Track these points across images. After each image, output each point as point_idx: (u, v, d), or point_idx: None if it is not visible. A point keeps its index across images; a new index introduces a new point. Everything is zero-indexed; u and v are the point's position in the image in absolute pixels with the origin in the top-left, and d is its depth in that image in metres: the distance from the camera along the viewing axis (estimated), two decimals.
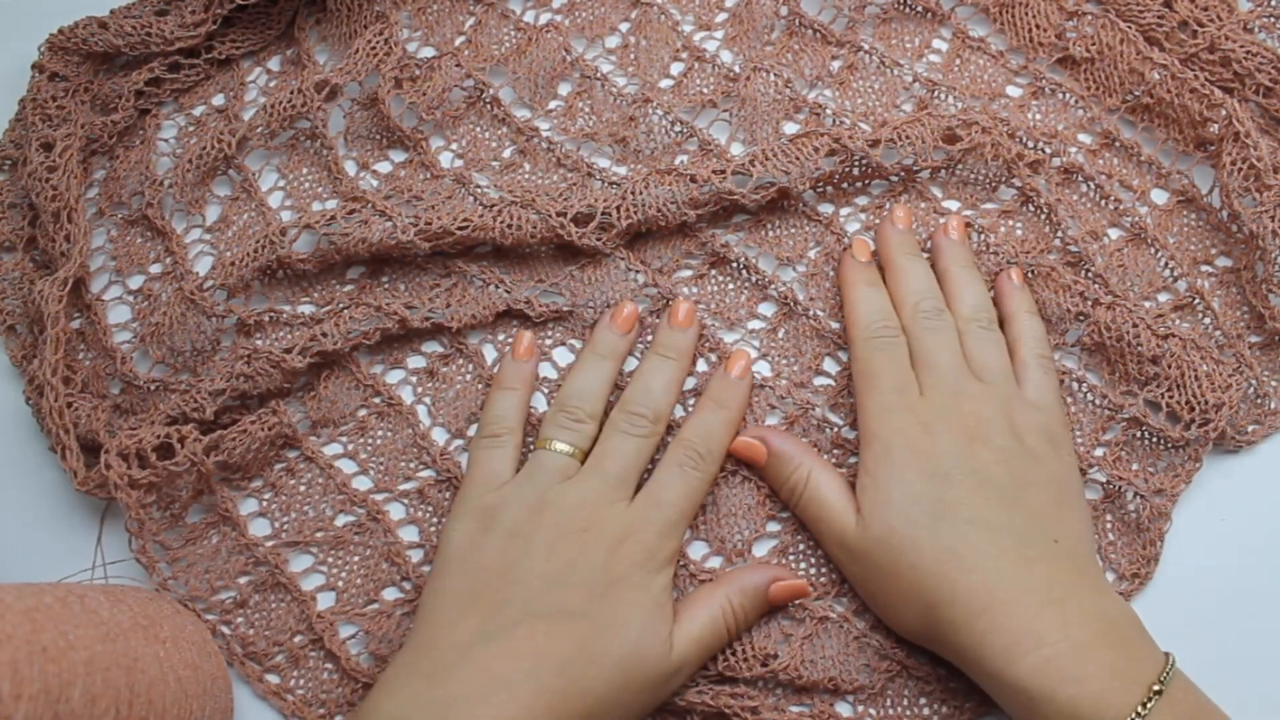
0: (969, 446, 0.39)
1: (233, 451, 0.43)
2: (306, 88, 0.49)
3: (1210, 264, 0.47)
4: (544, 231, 0.46)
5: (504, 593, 0.38)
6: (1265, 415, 0.44)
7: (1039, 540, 0.37)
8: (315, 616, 0.43)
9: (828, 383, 0.45)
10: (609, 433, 0.42)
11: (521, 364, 0.45)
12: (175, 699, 0.37)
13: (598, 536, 0.39)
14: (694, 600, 0.40)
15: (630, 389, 0.43)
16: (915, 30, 0.51)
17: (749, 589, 0.40)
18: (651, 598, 0.38)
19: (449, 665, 0.36)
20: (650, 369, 0.44)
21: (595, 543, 0.39)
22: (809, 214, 0.47)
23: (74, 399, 0.45)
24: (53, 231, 0.48)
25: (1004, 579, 0.36)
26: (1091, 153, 0.48)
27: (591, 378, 0.43)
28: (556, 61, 0.51)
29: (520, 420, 0.44)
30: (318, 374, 0.46)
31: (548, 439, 0.42)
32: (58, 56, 0.51)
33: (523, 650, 0.36)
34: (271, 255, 0.46)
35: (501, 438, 0.43)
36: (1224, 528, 0.43)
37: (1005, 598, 0.35)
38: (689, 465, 0.41)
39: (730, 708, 0.40)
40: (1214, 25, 0.48)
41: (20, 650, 0.31)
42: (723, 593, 0.40)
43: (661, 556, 0.40)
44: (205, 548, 0.44)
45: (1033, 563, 0.36)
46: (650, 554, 0.39)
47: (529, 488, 0.40)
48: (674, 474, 0.41)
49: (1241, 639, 0.42)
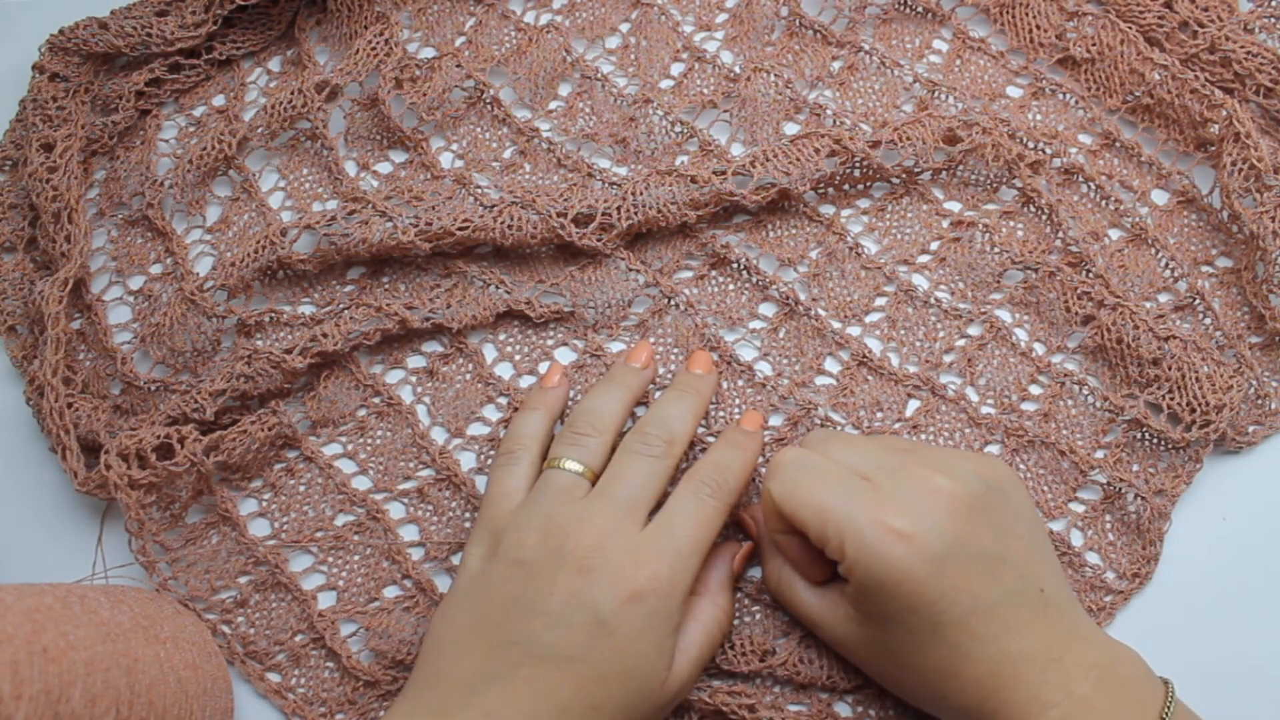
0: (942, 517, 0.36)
1: (232, 452, 0.43)
2: (307, 88, 0.49)
3: (1211, 264, 0.47)
4: (544, 232, 0.46)
5: (507, 630, 0.37)
6: (1266, 416, 0.44)
7: (1029, 600, 0.36)
8: (316, 615, 0.43)
9: (829, 382, 0.45)
10: (620, 455, 0.40)
11: (548, 390, 0.44)
12: (175, 699, 0.37)
13: (603, 571, 0.37)
14: (686, 621, 0.39)
15: (645, 415, 0.42)
16: (916, 31, 0.51)
17: (725, 584, 0.40)
18: (655, 642, 0.37)
19: (453, 705, 0.36)
20: (667, 399, 0.43)
21: (600, 578, 0.37)
22: (810, 215, 0.47)
23: (74, 399, 0.45)
24: (53, 232, 0.48)
25: (1006, 657, 0.35)
26: (1092, 153, 0.48)
27: (605, 398, 0.42)
28: (557, 62, 0.51)
29: (539, 439, 0.42)
30: (318, 374, 0.46)
31: (556, 458, 0.40)
32: (58, 57, 0.51)
33: (522, 693, 0.35)
34: (272, 256, 0.46)
35: (516, 454, 0.41)
36: (1224, 527, 0.43)
37: (1011, 674, 0.35)
38: (705, 493, 0.39)
39: (728, 706, 0.40)
40: (1214, 26, 0.48)
41: (21, 651, 0.31)
42: (706, 602, 0.40)
43: (674, 597, 0.37)
44: (205, 548, 0.44)
45: (1027, 629, 0.36)
46: (662, 594, 0.37)
47: (535, 510, 0.39)
48: (689, 502, 0.39)
49: (1242, 639, 0.42)
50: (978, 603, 0.35)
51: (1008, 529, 0.37)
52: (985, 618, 0.35)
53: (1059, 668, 0.35)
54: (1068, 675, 0.35)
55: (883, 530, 0.35)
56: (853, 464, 0.38)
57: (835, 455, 0.38)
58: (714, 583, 0.40)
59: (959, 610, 0.35)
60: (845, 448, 0.38)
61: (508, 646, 0.36)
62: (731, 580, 0.41)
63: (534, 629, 0.36)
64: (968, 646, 0.35)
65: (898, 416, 0.44)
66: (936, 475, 0.36)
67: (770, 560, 0.41)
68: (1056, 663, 0.35)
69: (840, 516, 0.36)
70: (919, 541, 0.35)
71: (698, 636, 0.39)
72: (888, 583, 0.35)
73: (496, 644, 0.36)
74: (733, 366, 0.45)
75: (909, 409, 0.45)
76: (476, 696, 0.36)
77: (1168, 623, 0.42)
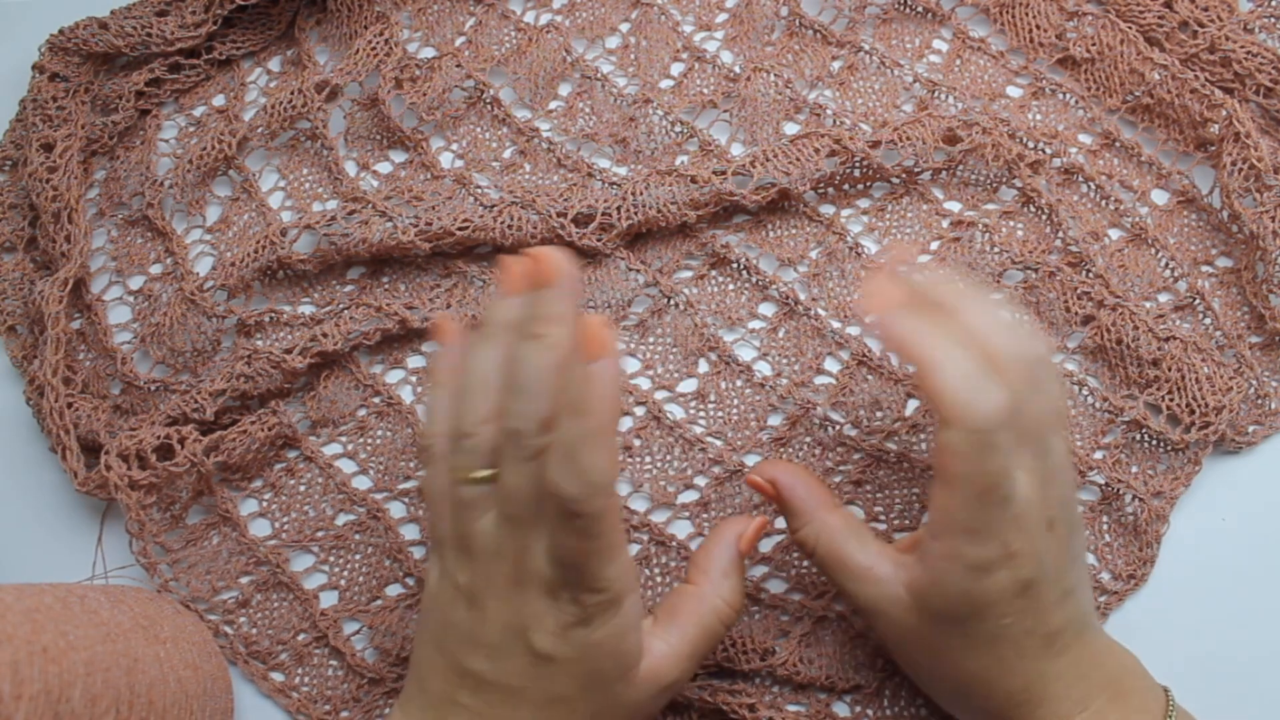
0: (1046, 544, 0.34)
1: (233, 452, 0.43)
2: (307, 88, 0.49)
3: (1211, 264, 0.47)
4: (544, 232, 0.46)
5: (460, 657, 0.34)
6: (1266, 416, 0.44)
7: (1077, 626, 0.36)
8: (319, 614, 0.43)
9: (828, 381, 0.45)
10: (504, 464, 0.34)
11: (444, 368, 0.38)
12: (175, 699, 0.37)
13: (524, 585, 0.33)
14: (679, 611, 0.36)
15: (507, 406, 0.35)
16: (916, 31, 0.51)
17: (729, 570, 0.37)
18: (608, 652, 0.34)
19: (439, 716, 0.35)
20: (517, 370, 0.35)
21: (518, 597, 0.33)
22: (810, 215, 0.47)
23: (74, 399, 0.45)
24: (53, 232, 0.48)
25: (1042, 676, 0.35)
26: (1092, 153, 0.48)
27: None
28: (557, 62, 0.51)
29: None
30: (318, 374, 0.46)
31: (458, 468, 0.35)
32: (58, 57, 0.51)
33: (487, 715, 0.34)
34: (272, 256, 0.46)
35: (430, 450, 0.36)
36: (1224, 527, 0.43)
37: (1040, 690, 0.35)
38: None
39: (728, 704, 0.40)
40: (1214, 25, 0.48)
41: (21, 651, 0.31)
42: (707, 593, 0.37)
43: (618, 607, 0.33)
44: (206, 549, 0.44)
45: (1068, 649, 0.35)
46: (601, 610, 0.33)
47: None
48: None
49: (1242, 639, 0.42)
50: (1040, 626, 0.35)
51: (1074, 558, 0.36)
52: (1041, 640, 0.35)
53: (1081, 684, 0.35)
54: (1087, 693, 0.35)
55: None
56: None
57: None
58: (714, 569, 0.37)
59: (1020, 630, 0.34)
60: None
61: (464, 675, 0.34)
62: (738, 563, 0.37)
63: (479, 661, 0.34)
64: (1013, 662, 0.35)
65: (897, 416, 0.44)
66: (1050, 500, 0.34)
67: (813, 514, 0.37)
68: (1080, 680, 0.35)
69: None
70: (1017, 562, 0.33)
71: (690, 629, 0.36)
72: (975, 595, 0.33)
73: (454, 669, 0.35)
74: (732, 366, 0.45)
75: (909, 409, 0.45)
76: (452, 713, 0.35)
77: (1168, 623, 0.42)
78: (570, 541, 0.32)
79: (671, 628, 0.36)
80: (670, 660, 0.36)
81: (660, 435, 0.45)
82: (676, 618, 0.36)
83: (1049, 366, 0.35)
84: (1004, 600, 0.33)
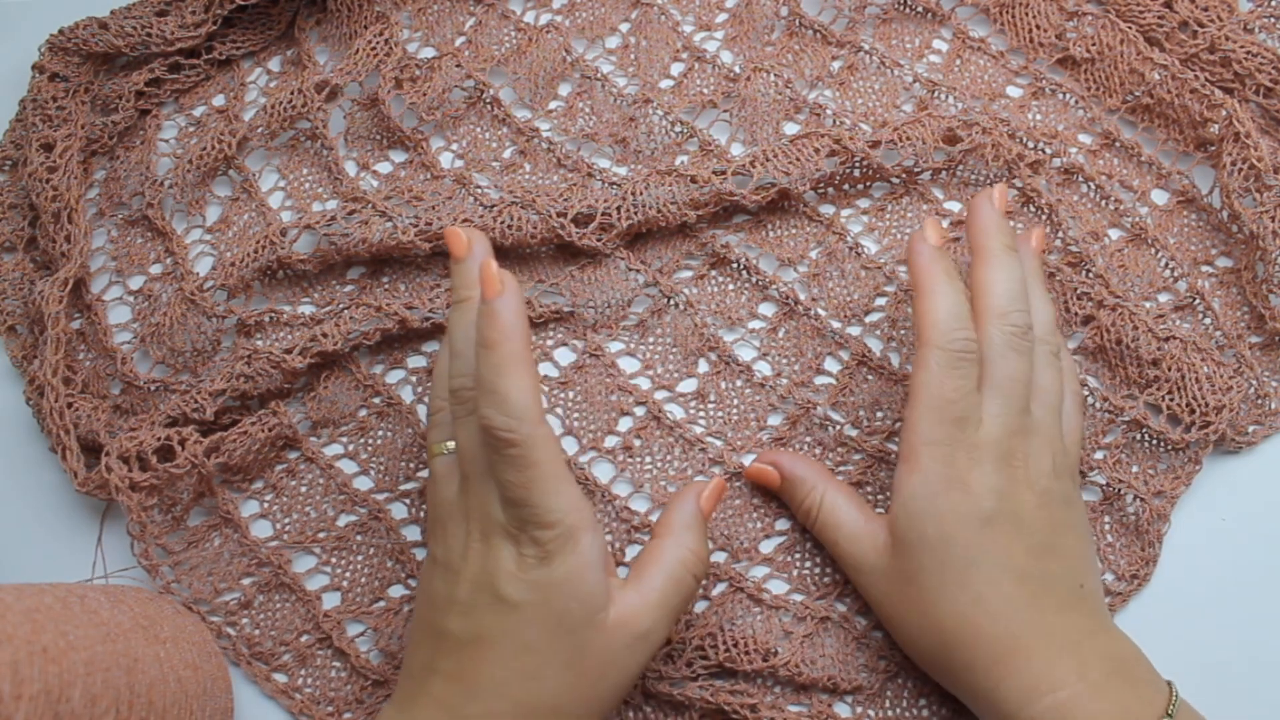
0: (1013, 489, 0.37)
1: (233, 453, 0.43)
2: (307, 88, 0.49)
3: (1210, 264, 0.47)
4: (544, 232, 0.46)
5: (437, 624, 0.36)
6: (1266, 416, 0.44)
7: (1067, 588, 0.37)
8: (322, 616, 0.43)
9: (829, 381, 0.45)
10: None
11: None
12: (175, 699, 0.37)
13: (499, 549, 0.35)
14: (645, 563, 0.38)
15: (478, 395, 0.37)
16: (915, 31, 0.51)
17: (690, 523, 0.38)
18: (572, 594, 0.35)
19: (411, 694, 0.36)
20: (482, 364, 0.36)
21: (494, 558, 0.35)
22: (810, 215, 0.47)
23: (74, 399, 0.45)
24: (53, 232, 0.48)
25: (1028, 627, 0.35)
26: (1092, 153, 0.48)
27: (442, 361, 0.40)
28: (557, 62, 0.51)
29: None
30: (318, 374, 0.46)
31: (434, 442, 0.39)
32: (58, 57, 0.51)
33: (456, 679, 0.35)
34: (272, 256, 0.46)
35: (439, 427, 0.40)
36: (1224, 527, 0.43)
37: (1027, 645, 0.35)
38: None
39: (730, 705, 0.40)
40: (1214, 25, 0.48)
41: (21, 651, 0.31)
42: (670, 544, 0.38)
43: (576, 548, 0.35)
44: (208, 550, 0.44)
45: (1057, 610, 0.36)
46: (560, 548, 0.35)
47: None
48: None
49: (1242, 639, 0.42)
50: (1015, 565, 0.36)
51: (1064, 526, 0.38)
52: (1018, 583, 0.36)
53: (1076, 653, 0.35)
54: (1083, 661, 0.35)
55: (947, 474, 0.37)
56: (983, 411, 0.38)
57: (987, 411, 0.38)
58: (678, 523, 0.38)
59: (990, 564, 0.36)
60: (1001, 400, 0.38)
61: (440, 639, 0.36)
62: (699, 518, 0.39)
63: (453, 620, 0.36)
64: (992, 602, 0.36)
65: (897, 416, 0.44)
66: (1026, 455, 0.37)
67: (812, 488, 0.41)
68: (1075, 647, 0.35)
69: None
70: (973, 495, 0.36)
71: (658, 580, 0.37)
72: (935, 514, 0.37)
73: (431, 637, 0.37)
74: (732, 366, 0.45)
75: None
76: (427, 685, 0.36)
77: (1168, 623, 0.42)
78: (509, 475, 0.34)
79: (640, 579, 0.37)
80: (640, 609, 0.36)
81: (660, 435, 0.45)
82: (644, 569, 0.38)
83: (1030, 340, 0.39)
84: (965, 528, 0.36)
